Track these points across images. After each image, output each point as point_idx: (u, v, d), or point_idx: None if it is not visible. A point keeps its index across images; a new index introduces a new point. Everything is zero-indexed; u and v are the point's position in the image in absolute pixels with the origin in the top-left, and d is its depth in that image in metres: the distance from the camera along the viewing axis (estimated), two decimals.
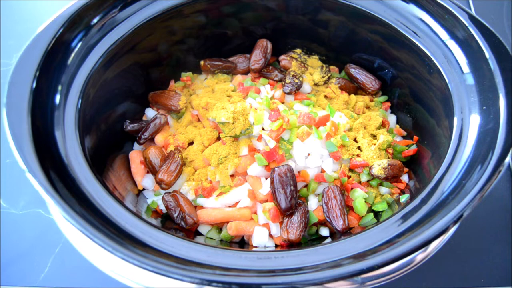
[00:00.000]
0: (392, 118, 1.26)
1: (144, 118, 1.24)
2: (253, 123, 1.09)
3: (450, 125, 0.95)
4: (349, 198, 1.05)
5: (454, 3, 0.99)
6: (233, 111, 1.08)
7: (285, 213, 0.98)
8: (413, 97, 1.17)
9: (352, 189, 1.06)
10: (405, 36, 1.08)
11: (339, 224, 0.97)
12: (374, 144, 1.11)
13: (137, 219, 0.81)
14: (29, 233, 1.17)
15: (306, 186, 1.08)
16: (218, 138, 1.14)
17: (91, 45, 0.99)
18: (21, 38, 1.57)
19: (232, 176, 1.10)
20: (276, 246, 1.02)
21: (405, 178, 1.10)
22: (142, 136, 1.14)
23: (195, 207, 1.07)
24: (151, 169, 1.10)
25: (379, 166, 1.04)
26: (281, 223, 1.00)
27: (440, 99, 1.02)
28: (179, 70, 1.29)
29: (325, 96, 1.26)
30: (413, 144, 1.16)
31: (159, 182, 1.04)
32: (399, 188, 1.08)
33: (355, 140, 1.14)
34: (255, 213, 1.05)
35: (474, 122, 0.91)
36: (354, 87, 1.29)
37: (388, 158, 1.11)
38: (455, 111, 0.95)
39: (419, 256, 0.85)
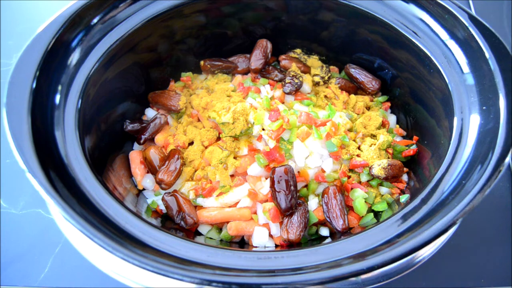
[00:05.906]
0: (392, 118, 1.25)
1: (144, 118, 1.24)
2: (253, 123, 1.09)
3: (450, 125, 0.95)
4: (349, 198, 1.05)
5: (454, 3, 0.99)
6: (233, 111, 1.08)
7: (285, 213, 0.98)
8: (413, 97, 1.17)
9: (352, 189, 1.06)
10: (405, 36, 1.08)
11: (339, 224, 0.97)
12: (374, 144, 1.11)
13: (137, 219, 0.81)
14: (29, 233, 1.17)
15: (306, 186, 1.08)
16: (218, 138, 1.15)
17: (91, 45, 0.98)
18: (21, 38, 1.57)
19: (232, 176, 1.10)
20: (276, 246, 1.02)
21: (405, 178, 1.10)
22: (142, 136, 1.14)
23: (195, 207, 1.07)
24: (151, 169, 1.10)
25: (379, 166, 1.04)
26: (281, 223, 1.00)
27: (440, 99, 1.02)
28: (179, 70, 1.29)
29: (325, 96, 1.26)
30: (413, 144, 1.16)
31: (159, 182, 1.04)
32: (399, 188, 1.08)
33: (355, 140, 1.14)
34: (255, 213, 1.05)
35: (474, 122, 0.91)
36: (354, 87, 1.29)
37: (388, 158, 1.11)
38: (455, 111, 0.95)
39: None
